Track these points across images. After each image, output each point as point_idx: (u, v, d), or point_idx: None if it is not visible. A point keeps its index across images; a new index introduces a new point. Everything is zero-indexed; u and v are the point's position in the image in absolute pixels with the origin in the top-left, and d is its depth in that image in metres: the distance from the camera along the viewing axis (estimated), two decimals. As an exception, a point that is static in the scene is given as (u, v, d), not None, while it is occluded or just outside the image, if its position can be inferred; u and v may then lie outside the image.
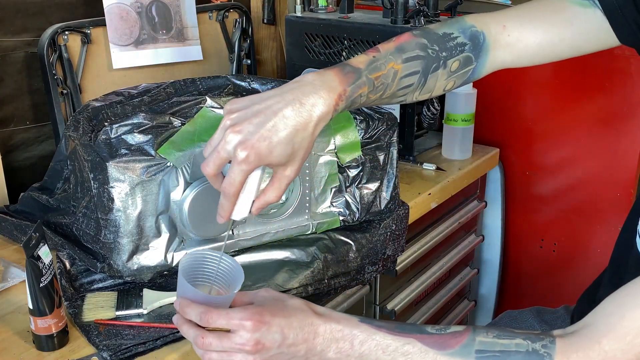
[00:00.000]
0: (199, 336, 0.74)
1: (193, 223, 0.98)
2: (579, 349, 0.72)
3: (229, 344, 0.73)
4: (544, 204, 1.71)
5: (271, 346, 0.73)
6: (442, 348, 0.74)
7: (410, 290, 1.46)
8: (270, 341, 0.73)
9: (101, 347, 0.85)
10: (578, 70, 1.53)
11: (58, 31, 1.29)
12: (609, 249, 1.66)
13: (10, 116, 1.31)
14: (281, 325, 0.73)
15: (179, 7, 1.49)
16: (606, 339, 0.71)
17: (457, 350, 0.74)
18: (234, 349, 0.73)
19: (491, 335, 0.75)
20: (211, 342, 0.73)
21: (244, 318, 0.72)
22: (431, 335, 0.76)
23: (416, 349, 0.75)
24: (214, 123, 1.00)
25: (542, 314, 1.15)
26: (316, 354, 0.75)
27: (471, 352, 0.74)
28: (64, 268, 1.01)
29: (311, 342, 0.75)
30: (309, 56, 1.54)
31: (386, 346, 0.75)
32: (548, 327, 1.12)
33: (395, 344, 0.75)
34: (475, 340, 0.75)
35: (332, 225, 1.15)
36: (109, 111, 1.06)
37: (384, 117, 1.14)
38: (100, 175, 0.93)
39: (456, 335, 0.76)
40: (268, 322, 0.73)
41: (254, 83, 1.21)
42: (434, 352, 0.74)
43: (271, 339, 0.73)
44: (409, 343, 0.75)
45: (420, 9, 1.39)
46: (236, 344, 0.72)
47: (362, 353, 0.75)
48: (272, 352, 0.73)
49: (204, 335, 0.74)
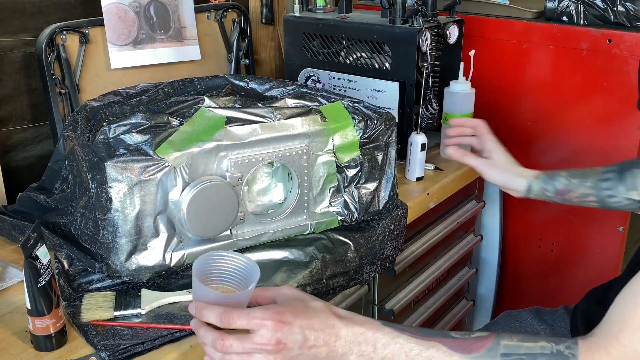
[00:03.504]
0: (218, 339, 0.72)
1: (191, 223, 0.98)
2: (600, 348, 0.73)
3: (250, 344, 0.72)
4: (542, 203, 1.69)
5: (292, 346, 0.73)
6: (467, 352, 0.75)
7: (409, 290, 1.46)
8: (292, 341, 0.72)
9: (99, 347, 0.85)
10: (577, 70, 1.53)
11: (56, 31, 1.29)
12: (607, 248, 1.66)
13: (8, 116, 1.31)
14: (303, 327, 0.73)
15: (177, 7, 1.49)
16: (623, 334, 0.72)
17: (483, 354, 0.75)
18: (255, 349, 0.72)
19: (515, 338, 0.76)
20: (232, 344, 0.72)
21: (265, 318, 0.72)
22: (455, 340, 0.76)
23: (440, 353, 0.75)
24: (212, 123, 1.00)
25: (541, 314, 1.15)
26: (337, 356, 0.75)
27: (496, 355, 0.75)
28: (62, 268, 1.01)
29: (332, 344, 0.74)
30: (307, 56, 1.54)
31: (409, 349, 0.75)
32: (548, 326, 1.12)
33: (419, 348, 0.75)
34: (500, 344, 0.75)
35: (330, 225, 1.15)
36: (107, 111, 1.06)
37: (383, 117, 1.14)
38: (99, 175, 0.93)
39: (480, 339, 0.76)
40: (290, 323, 0.73)
41: (252, 83, 1.21)
42: (459, 355, 0.74)
43: (292, 340, 0.72)
44: (433, 347, 0.75)
45: (419, 9, 1.39)
46: (257, 344, 0.72)
47: (385, 356, 0.75)
48: (293, 352, 0.73)
49: (223, 337, 0.72)
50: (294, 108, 1.10)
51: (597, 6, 1.51)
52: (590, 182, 1.06)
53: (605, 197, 1.06)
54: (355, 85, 1.48)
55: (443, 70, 1.49)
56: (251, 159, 1.03)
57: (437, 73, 1.47)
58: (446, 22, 1.47)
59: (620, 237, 1.58)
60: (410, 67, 1.39)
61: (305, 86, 1.23)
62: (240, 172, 1.02)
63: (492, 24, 1.65)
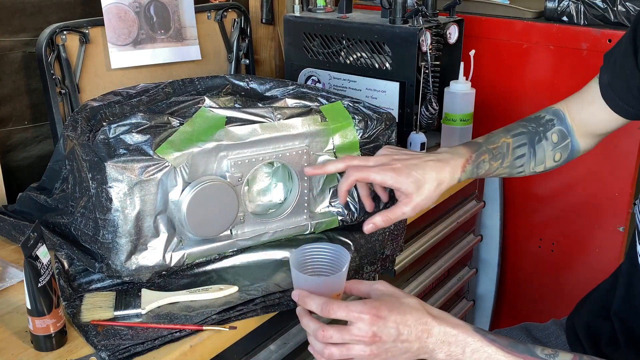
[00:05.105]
0: (319, 329, 0.79)
1: (191, 223, 0.98)
2: None
3: (348, 335, 0.77)
4: (542, 203, 1.71)
5: (387, 340, 0.78)
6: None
7: (409, 290, 1.46)
8: (387, 335, 0.77)
9: (99, 347, 0.85)
10: (577, 70, 1.53)
11: (56, 31, 1.29)
12: (607, 248, 1.66)
13: (8, 116, 1.31)
14: (397, 322, 0.78)
15: (177, 7, 1.49)
16: None
17: None
18: (353, 340, 0.78)
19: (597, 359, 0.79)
20: (332, 335, 0.78)
21: (362, 311, 0.77)
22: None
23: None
24: (212, 123, 1.00)
25: (531, 331, 1.16)
26: (427, 352, 0.79)
27: None
28: (62, 268, 1.01)
29: (424, 340, 0.79)
30: (307, 56, 1.54)
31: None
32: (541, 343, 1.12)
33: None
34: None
35: (330, 225, 1.15)
36: (107, 111, 1.06)
37: (383, 116, 1.14)
38: (99, 175, 0.93)
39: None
40: (385, 317, 0.77)
41: (252, 83, 1.21)
42: None
43: (387, 333, 0.77)
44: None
45: (419, 9, 1.39)
46: (355, 335, 0.77)
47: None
48: (388, 345, 0.78)
49: (324, 328, 0.79)
50: (294, 108, 1.10)
51: (597, 6, 1.51)
52: (507, 162, 1.07)
53: (516, 173, 1.09)
54: (355, 85, 1.48)
55: (443, 70, 1.49)
56: (251, 159, 1.03)
57: (437, 73, 1.47)
58: (446, 22, 1.47)
59: (620, 237, 1.59)
60: (410, 67, 1.39)
61: (306, 86, 1.23)
62: (241, 172, 1.02)
63: (492, 24, 1.65)
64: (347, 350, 0.78)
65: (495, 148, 1.05)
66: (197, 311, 0.93)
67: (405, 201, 0.95)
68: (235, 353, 0.97)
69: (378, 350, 0.78)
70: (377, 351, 0.78)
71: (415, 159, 0.97)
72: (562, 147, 1.10)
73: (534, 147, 1.08)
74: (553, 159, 1.10)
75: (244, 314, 0.95)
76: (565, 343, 1.11)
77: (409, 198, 0.95)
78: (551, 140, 1.09)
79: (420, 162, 0.96)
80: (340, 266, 0.89)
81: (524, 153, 1.07)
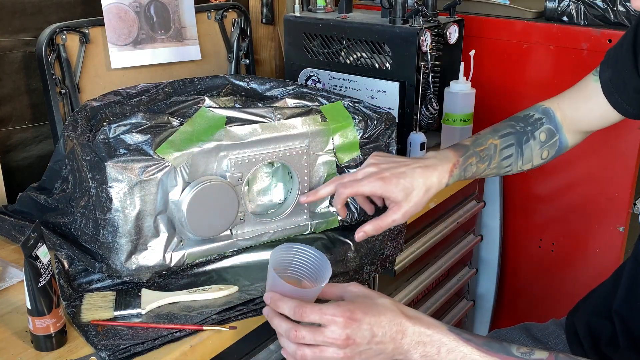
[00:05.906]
0: (292, 329, 0.78)
1: (191, 223, 0.98)
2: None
3: (321, 337, 0.77)
4: (542, 203, 1.71)
5: (361, 342, 0.77)
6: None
7: (409, 290, 1.46)
8: (361, 337, 0.77)
9: (99, 347, 0.85)
10: (577, 70, 1.53)
11: (56, 31, 1.29)
12: (607, 248, 1.66)
13: (9, 116, 1.31)
14: (371, 324, 0.77)
15: (178, 7, 1.49)
16: None
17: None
18: (326, 342, 0.77)
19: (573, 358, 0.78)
20: (304, 336, 0.77)
21: (336, 314, 0.77)
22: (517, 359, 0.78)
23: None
24: (213, 123, 1.00)
25: (531, 331, 1.15)
26: (402, 352, 0.79)
27: None
28: (62, 268, 1.01)
29: (399, 341, 0.78)
30: (307, 56, 1.54)
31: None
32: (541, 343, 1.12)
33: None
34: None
35: (330, 225, 1.15)
36: (108, 111, 1.06)
37: (383, 116, 1.14)
38: (99, 175, 0.93)
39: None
40: (359, 320, 0.77)
41: (252, 83, 1.21)
42: None
43: (361, 336, 0.77)
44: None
45: (419, 9, 1.39)
46: (328, 338, 0.76)
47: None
48: (362, 347, 0.77)
49: (297, 328, 0.78)
50: (294, 108, 1.10)
51: (597, 6, 1.51)
52: (495, 163, 1.07)
53: (504, 172, 1.10)
54: (355, 85, 1.48)
55: (443, 70, 1.49)
56: (251, 159, 1.03)
57: (437, 73, 1.47)
58: (446, 22, 1.47)
59: (620, 237, 1.59)
60: (410, 67, 1.39)
61: (306, 86, 1.23)
62: (241, 172, 1.02)
63: (492, 24, 1.65)
64: (320, 352, 0.77)
65: (483, 150, 1.05)
66: (197, 311, 0.93)
67: (394, 209, 0.96)
68: (235, 353, 0.97)
69: (352, 352, 0.77)
70: (351, 354, 0.77)
71: (403, 166, 0.97)
72: (550, 144, 1.11)
73: (522, 147, 1.08)
74: (540, 156, 1.11)
75: (244, 314, 0.95)
76: (565, 343, 1.11)
77: (399, 205, 0.96)
78: (539, 140, 1.10)
79: (408, 169, 0.97)
80: (320, 277, 0.85)
81: (512, 154, 1.08)
